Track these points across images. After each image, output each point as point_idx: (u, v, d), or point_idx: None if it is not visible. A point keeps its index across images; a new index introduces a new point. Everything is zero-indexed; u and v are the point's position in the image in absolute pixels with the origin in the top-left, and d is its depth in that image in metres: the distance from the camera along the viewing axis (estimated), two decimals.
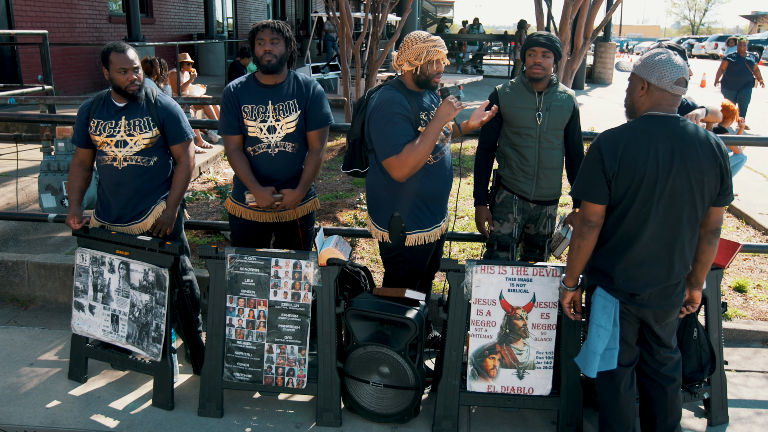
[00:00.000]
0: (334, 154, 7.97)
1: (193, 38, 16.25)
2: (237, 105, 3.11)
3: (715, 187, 2.34)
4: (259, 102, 3.09)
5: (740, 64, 10.68)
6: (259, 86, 3.13)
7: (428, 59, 2.78)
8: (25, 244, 4.85)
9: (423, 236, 2.98)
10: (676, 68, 2.28)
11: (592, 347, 2.48)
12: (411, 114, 2.80)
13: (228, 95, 3.13)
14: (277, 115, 3.09)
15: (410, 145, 2.73)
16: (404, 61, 2.82)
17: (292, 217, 3.25)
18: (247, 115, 3.10)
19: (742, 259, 4.84)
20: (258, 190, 3.08)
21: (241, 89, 3.13)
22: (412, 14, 8.80)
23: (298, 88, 3.16)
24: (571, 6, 6.08)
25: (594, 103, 13.70)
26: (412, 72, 2.84)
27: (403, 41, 2.87)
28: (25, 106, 8.41)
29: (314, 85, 3.20)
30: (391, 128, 2.76)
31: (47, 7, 10.77)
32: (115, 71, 3.04)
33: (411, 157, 2.72)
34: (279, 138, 3.10)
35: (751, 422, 3.03)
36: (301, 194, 3.15)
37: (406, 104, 2.80)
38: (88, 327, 3.19)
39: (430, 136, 2.75)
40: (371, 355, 2.90)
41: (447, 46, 3.07)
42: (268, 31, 3.03)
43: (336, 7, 7.81)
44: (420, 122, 2.83)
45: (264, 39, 3.02)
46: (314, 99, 3.15)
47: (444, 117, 2.77)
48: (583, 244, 2.42)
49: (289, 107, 3.11)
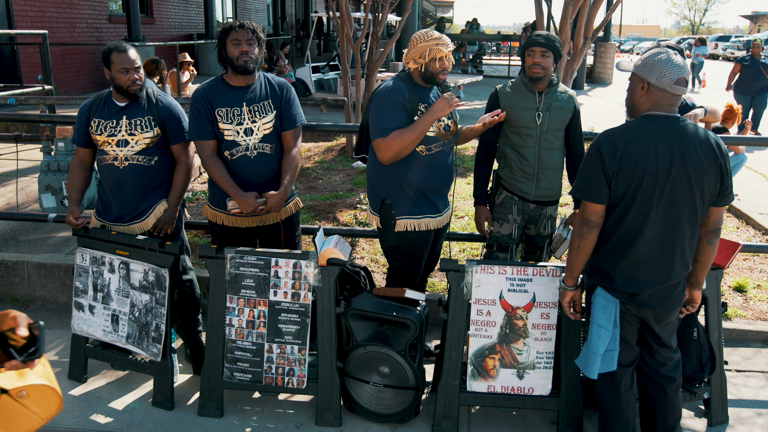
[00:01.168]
0: (334, 154, 7.97)
1: (193, 38, 16.26)
2: (210, 108, 3.02)
3: (715, 187, 2.34)
4: (233, 104, 3.03)
5: (754, 67, 9.82)
6: (230, 88, 3.05)
7: (432, 57, 2.88)
8: (25, 244, 4.85)
9: (414, 223, 3.02)
10: (676, 68, 2.28)
11: (593, 348, 2.48)
12: (408, 103, 2.91)
13: (199, 99, 3.04)
14: (253, 117, 3.04)
15: (399, 131, 2.85)
16: (410, 60, 2.94)
17: (275, 220, 3.20)
18: (221, 119, 3.02)
19: (742, 259, 4.84)
20: (240, 196, 2.99)
21: (211, 92, 3.04)
22: (412, 14, 8.80)
23: (271, 88, 3.12)
24: (571, 6, 6.07)
25: (594, 103, 13.70)
26: (418, 69, 2.95)
27: (411, 38, 2.98)
28: (25, 106, 8.41)
29: (286, 85, 3.17)
30: (384, 112, 2.88)
31: (47, 7, 10.78)
32: (117, 71, 3.04)
33: (396, 142, 2.83)
34: (257, 140, 3.05)
35: (751, 422, 3.03)
36: (284, 196, 3.08)
37: (405, 93, 2.92)
38: (88, 327, 3.19)
39: (419, 126, 2.85)
40: (371, 355, 2.90)
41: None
42: (243, 31, 2.97)
43: (336, 7, 7.81)
44: (417, 113, 2.93)
45: (240, 39, 2.95)
46: (287, 99, 3.13)
47: (437, 111, 2.87)
48: (583, 244, 2.42)
49: (264, 108, 3.07)
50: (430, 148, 2.98)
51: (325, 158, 7.83)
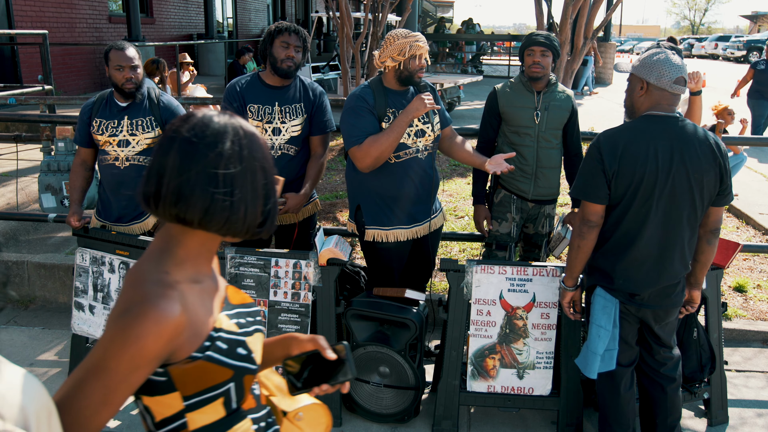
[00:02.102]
0: (334, 154, 7.97)
1: (193, 38, 16.25)
2: (243, 104, 3.05)
3: (714, 186, 2.34)
4: (266, 102, 3.05)
5: None
6: (265, 86, 3.08)
7: (411, 54, 2.77)
8: (25, 244, 4.85)
9: (382, 234, 2.95)
10: (674, 67, 2.28)
11: (593, 348, 2.48)
12: (374, 109, 2.82)
13: (233, 93, 3.06)
14: (283, 117, 3.06)
15: (373, 137, 2.76)
16: (387, 58, 2.81)
17: (293, 221, 3.23)
18: (252, 115, 3.05)
19: (742, 259, 4.84)
20: None
21: (246, 88, 3.07)
22: (412, 14, 8.79)
23: (305, 92, 3.13)
24: (571, 6, 6.07)
25: (594, 103, 13.69)
26: (395, 68, 2.83)
27: (384, 39, 2.86)
28: (25, 106, 8.41)
29: (320, 90, 3.19)
30: (354, 120, 2.81)
31: (47, 7, 10.78)
32: (113, 68, 3.04)
33: (373, 147, 2.74)
34: (283, 140, 3.07)
35: (751, 422, 3.03)
36: (305, 198, 3.10)
37: (369, 99, 2.83)
38: (88, 327, 3.19)
39: (394, 129, 2.76)
40: (371, 355, 2.90)
41: (448, 44, 3.06)
42: (295, 37, 2.98)
43: (336, 7, 7.81)
44: (385, 118, 2.84)
45: (290, 43, 2.97)
46: (320, 105, 3.14)
47: (412, 111, 2.76)
48: (583, 244, 2.42)
49: (296, 110, 3.09)
50: (399, 155, 2.86)
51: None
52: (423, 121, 2.90)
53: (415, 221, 2.99)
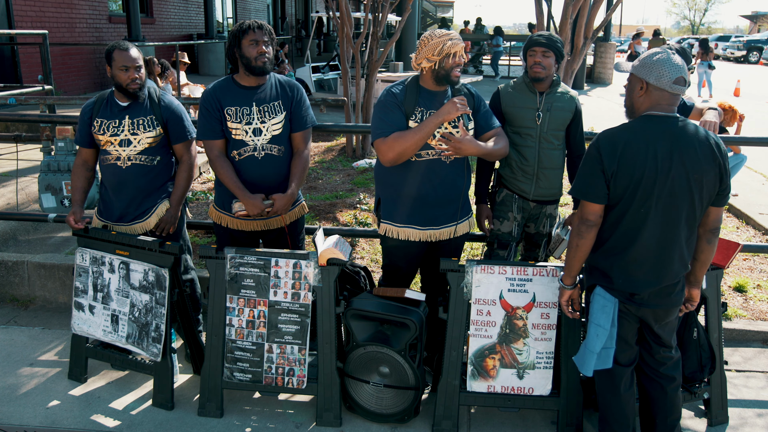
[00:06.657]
0: (334, 154, 7.97)
1: (193, 38, 16.27)
2: (219, 108, 3.01)
3: (714, 186, 2.34)
4: (243, 104, 3.01)
5: None
6: (240, 88, 3.04)
7: (446, 52, 2.79)
8: (25, 244, 4.85)
9: (393, 230, 2.98)
10: (674, 67, 2.28)
11: (590, 346, 2.49)
12: (402, 105, 2.87)
13: (209, 98, 3.03)
14: (263, 117, 3.02)
15: (399, 133, 2.82)
16: (423, 59, 2.84)
17: (280, 224, 3.18)
18: (230, 118, 3.00)
19: (742, 259, 4.84)
20: (247, 197, 2.96)
21: (221, 92, 3.03)
22: (412, 14, 8.81)
23: (282, 89, 3.10)
24: (571, 6, 6.07)
25: (594, 103, 13.70)
26: (431, 68, 2.86)
27: (419, 40, 2.90)
28: (25, 106, 8.42)
29: (297, 86, 3.16)
30: (382, 114, 2.88)
31: (47, 7, 10.78)
32: (117, 69, 3.04)
33: (397, 143, 2.79)
34: (265, 140, 3.03)
35: (751, 422, 3.04)
36: (292, 198, 3.07)
37: (400, 96, 2.89)
38: (88, 327, 3.19)
39: (422, 128, 2.80)
40: (371, 355, 2.90)
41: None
42: (260, 32, 2.96)
43: (336, 7, 7.81)
44: (412, 116, 2.87)
45: (258, 40, 2.95)
46: (299, 100, 3.12)
47: (443, 114, 2.81)
48: (582, 243, 2.43)
49: (274, 108, 3.05)
50: (420, 154, 2.88)
51: (325, 158, 7.83)
52: (453, 124, 2.91)
53: (432, 225, 2.98)
